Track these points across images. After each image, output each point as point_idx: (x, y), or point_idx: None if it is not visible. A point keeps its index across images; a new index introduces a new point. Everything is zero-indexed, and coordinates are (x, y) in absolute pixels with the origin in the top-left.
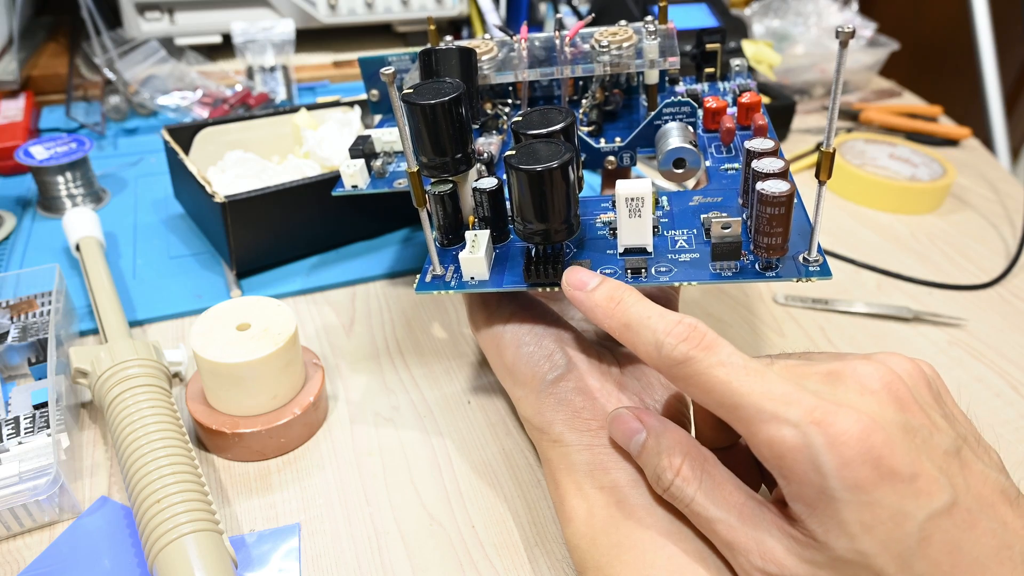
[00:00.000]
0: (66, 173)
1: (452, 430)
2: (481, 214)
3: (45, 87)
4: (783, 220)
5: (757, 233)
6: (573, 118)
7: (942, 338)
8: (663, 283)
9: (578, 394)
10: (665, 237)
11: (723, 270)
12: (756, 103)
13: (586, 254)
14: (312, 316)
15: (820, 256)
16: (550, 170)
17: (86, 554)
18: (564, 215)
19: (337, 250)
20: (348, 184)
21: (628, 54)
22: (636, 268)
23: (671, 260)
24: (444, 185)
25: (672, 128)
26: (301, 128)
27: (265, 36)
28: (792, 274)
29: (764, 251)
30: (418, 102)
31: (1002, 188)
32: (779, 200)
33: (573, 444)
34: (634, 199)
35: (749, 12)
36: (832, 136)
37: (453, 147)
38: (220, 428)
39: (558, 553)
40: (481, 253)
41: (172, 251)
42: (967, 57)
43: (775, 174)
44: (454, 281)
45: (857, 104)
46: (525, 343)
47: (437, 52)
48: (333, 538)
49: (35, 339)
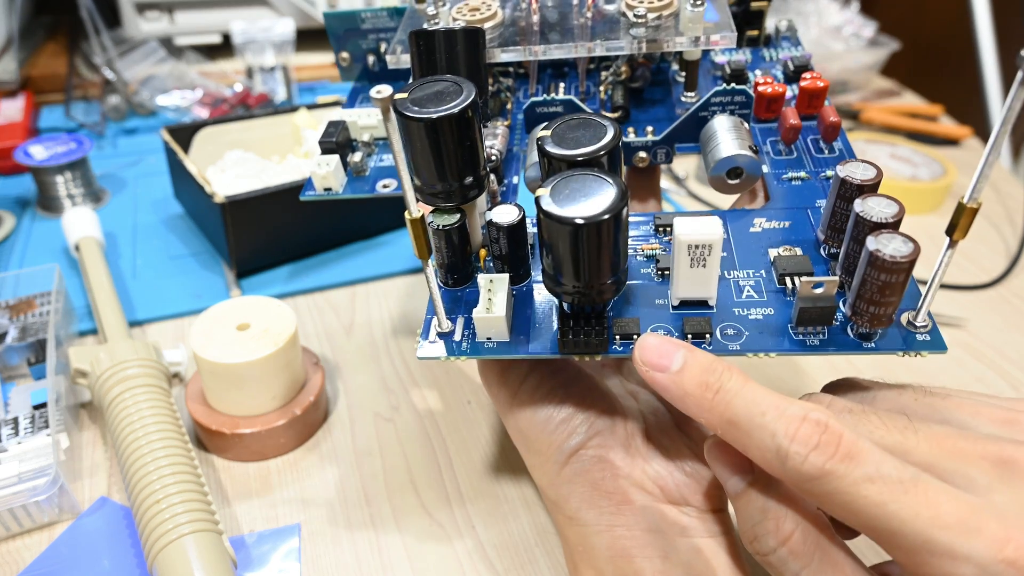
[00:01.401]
0: (65, 173)
1: (452, 430)
2: (496, 252)
3: (44, 87)
4: (899, 289)
5: (860, 300)
6: (618, 132)
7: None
8: (732, 352)
9: (597, 463)
10: (726, 280)
11: (807, 336)
12: (823, 89)
13: (632, 309)
14: (312, 316)
15: (930, 320)
16: (599, 222)
17: (86, 555)
18: (613, 272)
19: (337, 250)
20: (320, 187)
21: (668, 25)
22: (699, 333)
23: (739, 318)
24: (449, 217)
25: (724, 126)
26: (301, 128)
27: (265, 36)
28: (896, 346)
29: (868, 322)
30: (416, 116)
31: (1002, 188)
32: (900, 266)
33: (591, 524)
34: (699, 247)
35: None
36: (982, 187)
37: (461, 170)
38: (220, 428)
39: (558, 553)
40: (501, 311)
41: (172, 251)
42: (967, 57)
43: (889, 224)
44: (466, 343)
45: (857, 104)
46: (543, 407)
47: (435, 35)
48: (333, 538)
49: (34, 339)
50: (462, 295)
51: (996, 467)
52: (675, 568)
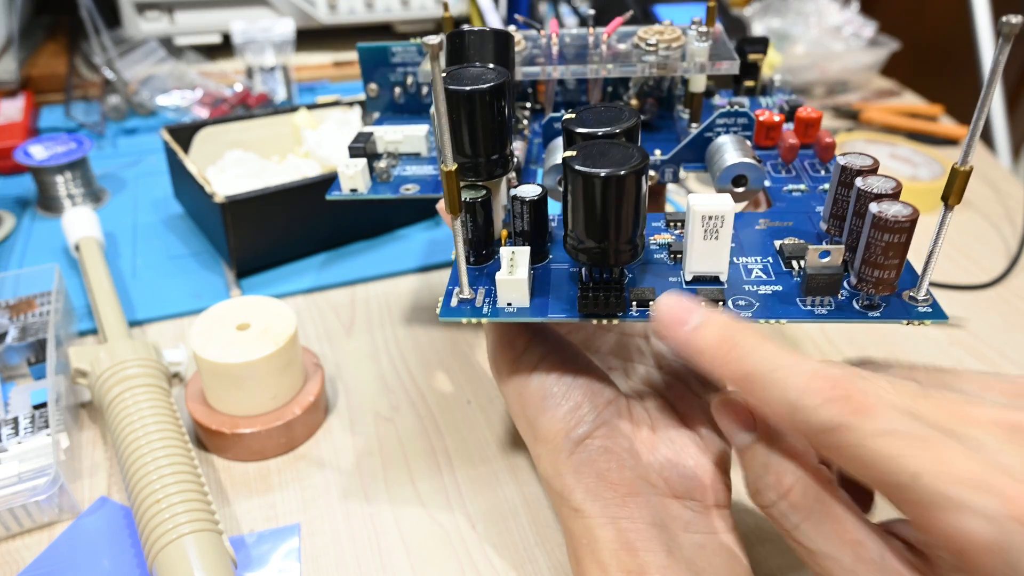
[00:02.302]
0: (65, 173)
1: (452, 430)
2: (519, 228)
3: (44, 87)
4: (901, 250)
5: (866, 265)
6: (638, 118)
7: (942, 338)
8: (745, 319)
9: (604, 453)
10: (735, 264)
11: (816, 306)
12: (817, 118)
13: (647, 280)
14: (312, 316)
15: (930, 295)
16: (621, 177)
17: (85, 554)
18: (632, 232)
19: (337, 250)
20: (347, 187)
21: (676, 56)
22: (712, 300)
23: (750, 292)
24: (476, 191)
25: (728, 142)
26: (301, 128)
27: (265, 36)
28: (900, 315)
29: (872, 286)
30: (455, 87)
31: (1002, 188)
32: (901, 226)
33: (596, 516)
34: (713, 217)
35: (749, 12)
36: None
37: (490, 145)
38: (220, 428)
39: (558, 553)
40: (523, 274)
41: (172, 251)
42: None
43: (890, 195)
44: (487, 307)
45: (857, 104)
46: (552, 394)
47: (470, 35)
48: (333, 538)
49: (34, 339)
50: (483, 271)
51: (1006, 432)
52: (678, 564)
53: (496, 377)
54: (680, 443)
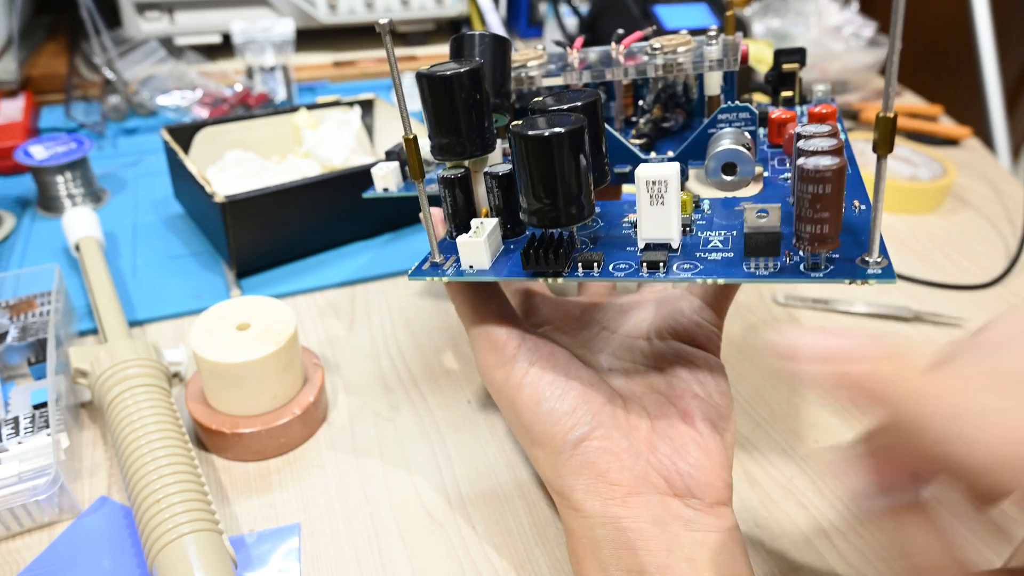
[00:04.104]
0: (66, 173)
1: (452, 430)
2: (492, 202)
3: (45, 87)
4: (830, 201)
5: (799, 221)
6: (597, 97)
7: (942, 338)
8: (684, 279)
9: (603, 454)
10: (698, 237)
11: (758, 268)
12: (831, 113)
13: (601, 250)
14: (312, 316)
15: (884, 258)
16: (557, 135)
17: (86, 554)
18: (574, 192)
19: (337, 250)
20: (379, 187)
21: (684, 57)
22: (653, 262)
23: (698, 258)
24: (456, 169)
25: (724, 133)
26: (301, 128)
27: (265, 36)
28: (845, 275)
29: (808, 243)
30: (427, 74)
31: (1002, 188)
32: (823, 175)
33: (596, 515)
34: (656, 183)
35: (749, 12)
36: (892, 99)
37: (466, 127)
38: (220, 428)
39: (558, 553)
40: (482, 238)
41: (172, 251)
42: (967, 57)
43: (825, 152)
44: (451, 269)
45: (857, 104)
46: (545, 398)
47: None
48: (333, 538)
49: (35, 339)
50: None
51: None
52: (679, 563)
53: (488, 384)
54: (680, 441)
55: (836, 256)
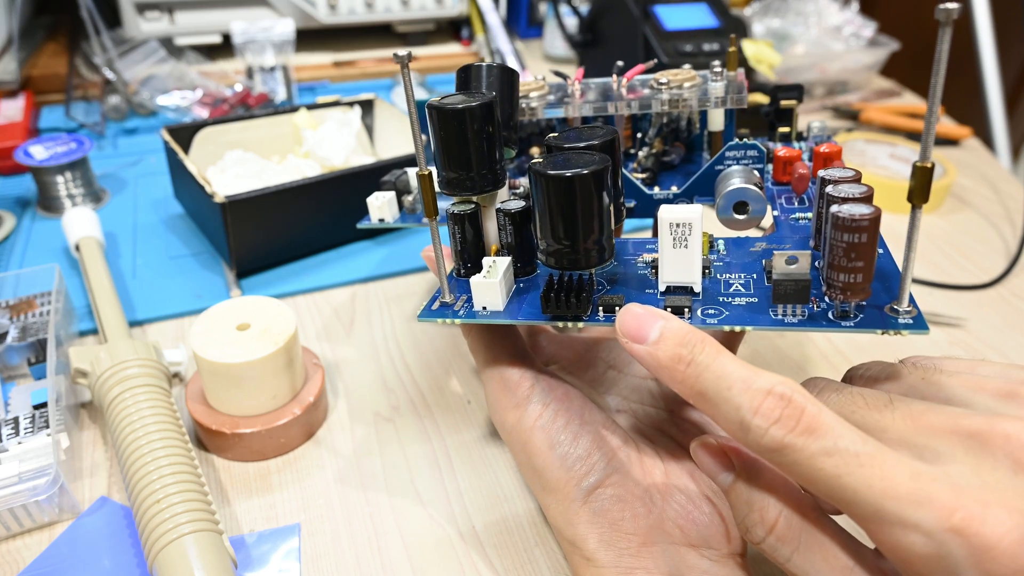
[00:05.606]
0: (66, 173)
1: (452, 430)
2: (504, 239)
3: (45, 87)
4: (865, 251)
5: (832, 269)
6: (616, 135)
7: (942, 338)
8: (710, 326)
9: (617, 502)
10: (718, 280)
11: (786, 315)
12: (835, 152)
13: (621, 291)
14: (312, 316)
15: (913, 307)
16: (580, 176)
17: (86, 554)
18: (595, 234)
19: (337, 250)
20: (375, 217)
21: (690, 93)
22: (678, 307)
23: (723, 304)
24: (466, 205)
25: (734, 170)
26: (301, 128)
27: (265, 36)
28: (876, 325)
29: (841, 292)
30: (438, 106)
31: (1002, 188)
32: (859, 225)
33: (609, 566)
34: (680, 225)
35: (749, 12)
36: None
37: (477, 161)
38: (220, 428)
39: (558, 553)
40: (496, 279)
41: (172, 251)
42: (967, 57)
43: (856, 199)
44: (463, 310)
45: (857, 104)
46: (559, 443)
47: (475, 68)
48: (333, 538)
49: (35, 339)
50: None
51: (963, 440)
52: None
53: (499, 425)
54: (694, 489)
55: (864, 303)
